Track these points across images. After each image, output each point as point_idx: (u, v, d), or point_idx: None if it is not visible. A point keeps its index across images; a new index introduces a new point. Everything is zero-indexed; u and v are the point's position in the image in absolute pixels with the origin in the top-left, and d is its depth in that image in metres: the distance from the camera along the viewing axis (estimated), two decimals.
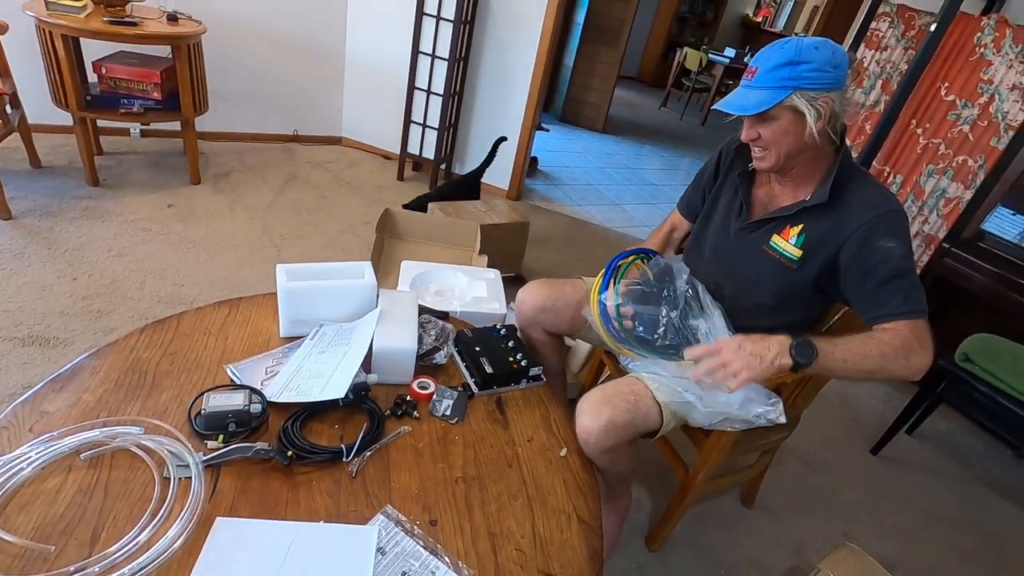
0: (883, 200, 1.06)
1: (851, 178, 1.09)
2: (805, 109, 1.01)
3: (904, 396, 2.32)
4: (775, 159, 1.09)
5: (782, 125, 1.04)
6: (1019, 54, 2.10)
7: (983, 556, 1.75)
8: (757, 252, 1.18)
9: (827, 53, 1.00)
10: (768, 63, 1.02)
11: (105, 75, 2.44)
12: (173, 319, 1.19)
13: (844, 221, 1.07)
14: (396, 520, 0.87)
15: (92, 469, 0.85)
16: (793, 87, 1.00)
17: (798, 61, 1.00)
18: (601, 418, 1.11)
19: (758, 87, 1.03)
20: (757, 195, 1.22)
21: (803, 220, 1.12)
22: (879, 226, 1.04)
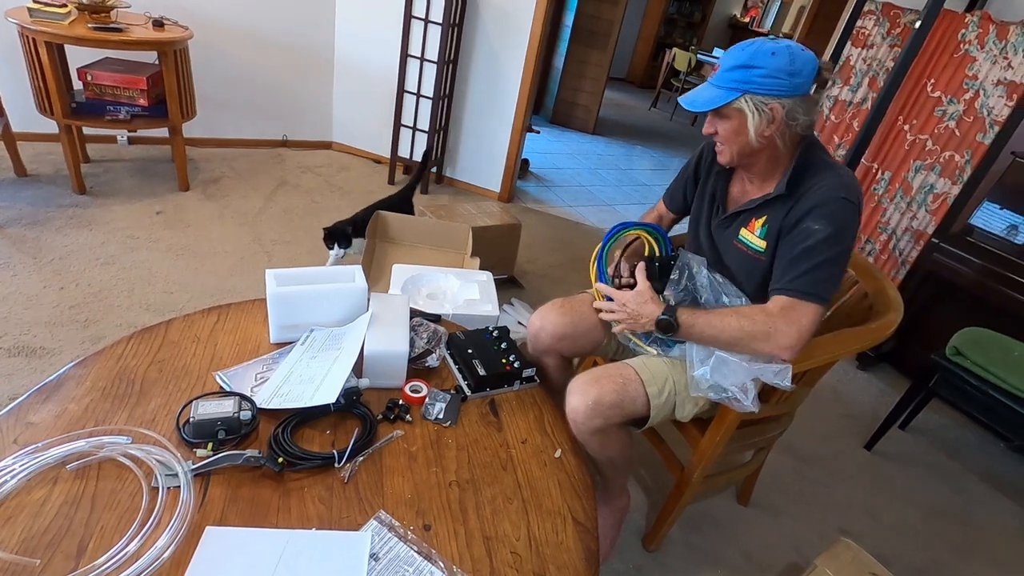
0: (835, 186, 1.06)
1: (812, 170, 1.10)
2: (749, 112, 1.04)
3: (897, 391, 2.33)
4: (730, 155, 1.13)
5: (733, 125, 1.07)
6: (1003, 50, 2.12)
7: (978, 548, 1.76)
8: (731, 246, 1.21)
9: (783, 60, 1.01)
10: (726, 63, 1.05)
11: (90, 82, 2.42)
12: (161, 326, 1.17)
13: (797, 208, 1.09)
14: (389, 526, 0.86)
15: (79, 480, 0.84)
16: (743, 90, 1.03)
17: (751, 65, 1.02)
18: (588, 397, 1.12)
19: (714, 85, 1.07)
20: (732, 191, 1.25)
21: (765, 212, 1.14)
22: (818, 209, 1.06)
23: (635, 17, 7.84)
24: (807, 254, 1.06)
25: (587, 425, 1.11)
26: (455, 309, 1.60)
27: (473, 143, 3.46)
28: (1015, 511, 1.94)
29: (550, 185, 4.02)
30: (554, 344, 1.36)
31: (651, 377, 1.16)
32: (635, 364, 1.19)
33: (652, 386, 1.15)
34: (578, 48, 5.32)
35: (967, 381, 1.75)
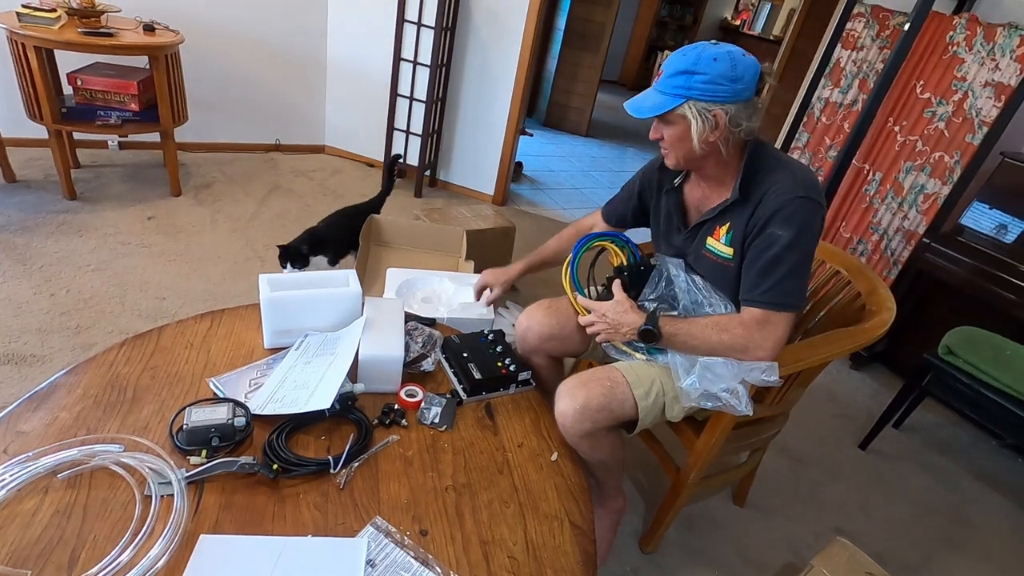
0: (791, 187, 1.06)
1: (765, 171, 1.10)
2: (692, 119, 1.04)
3: (890, 390, 2.34)
4: (675, 159, 1.13)
5: (678, 131, 1.07)
6: (990, 52, 2.14)
7: (972, 545, 1.77)
8: (700, 256, 1.20)
9: (725, 66, 1.01)
10: (669, 68, 1.05)
11: (81, 87, 2.40)
12: (153, 333, 1.16)
13: (759, 213, 1.08)
14: (386, 531, 0.86)
15: (70, 489, 0.83)
16: (686, 96, 1.03)
17: (693, 71, 1.02)
18: (576, 401, 1.11)
19: (657, 91, 1.07)
20: (691, 200, 1.24)
21: (727, 218, 1.14)
22: (779, 212, 1.05)
23: (627, 20, 7.87)
24: (774, 263, 1.06)
25: (576, 429, 1.11)
26: (450, 313, 1.60)
27: (467, 146, 3.46)
28: (1008, 508, 1.96)
29: (544, 188, 4.02)
30: (541, 344, 1.37)
31: (637, 379, 1.16)
32: (622, 367, 1.19)
33: (639, 388, 1.15)
34: (570, 51, 5.33)
35: (959, 380, 1.77)
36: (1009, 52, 2.10)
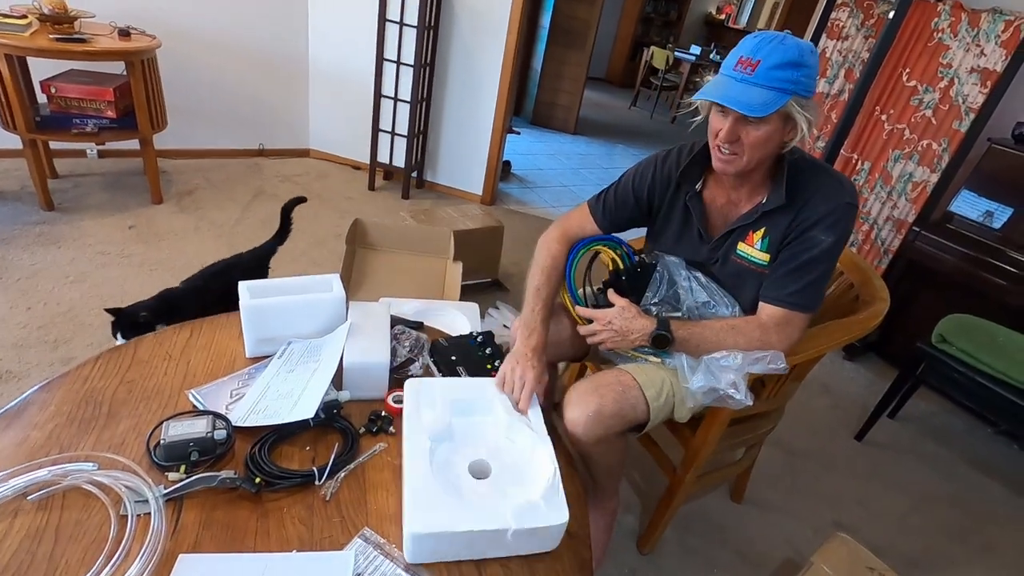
0: (837, 192, 1.04)
1: (806, 174, 1.06)
2: (799, 117, 0.96)
3: (883, 380, 2.34)
4: (746, 163, 1.02)
5: (769, 130, 0.97)
6: (975, 37, 2.14)
7: (969, 533, 1.76)
8: (730, 264, 1.15)
9: (816, 60, 0.97)
10: (771, 58, 0.93)
11: (55, 94, 2.34)
12: (130, 345, 1.13)
13: (802, 217, 1.05)
14: (375, 544, 0.83)
15: (41, 512, 0.79)
16: (793, 91, 0.93)
17: (801, 63, 0.93)
18: (589, 408, 1.08)
19: (761, 85, 0.94)
20: (715, 207, 1.16)
21: (764, 223, 1.09)
22: (827, 217, 1.03)
23: (612, 17, 7.87)
24: (809, 266, 1.04)
25: (588, 436, 1.07)
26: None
27: (453, 146, 3.43)
28: (1004, 495, 1.95)
29: (532, 186, 4.00)
30: None
31: (648, 381, 1.13)
32: (631, 369, 1.15)
33: (650, 389, 1.12)
34: (556, 49, 5.31)
35: (954, 368, 1.76)
36: (994, 37, 2.09)
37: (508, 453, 0.94)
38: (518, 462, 0.92)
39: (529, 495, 0.85)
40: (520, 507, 0.81)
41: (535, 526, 0.81)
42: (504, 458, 0.93)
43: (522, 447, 0.95)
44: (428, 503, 0.80)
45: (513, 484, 0.88)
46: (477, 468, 0.90)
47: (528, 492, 0.86)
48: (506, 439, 0.96)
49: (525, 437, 0.96)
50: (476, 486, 0.87)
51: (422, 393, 1.00)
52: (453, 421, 0.96)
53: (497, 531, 0.79)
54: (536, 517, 0.81)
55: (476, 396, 1.03)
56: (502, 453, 0.94)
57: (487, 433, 0.97)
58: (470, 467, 0.90)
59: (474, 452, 0.92)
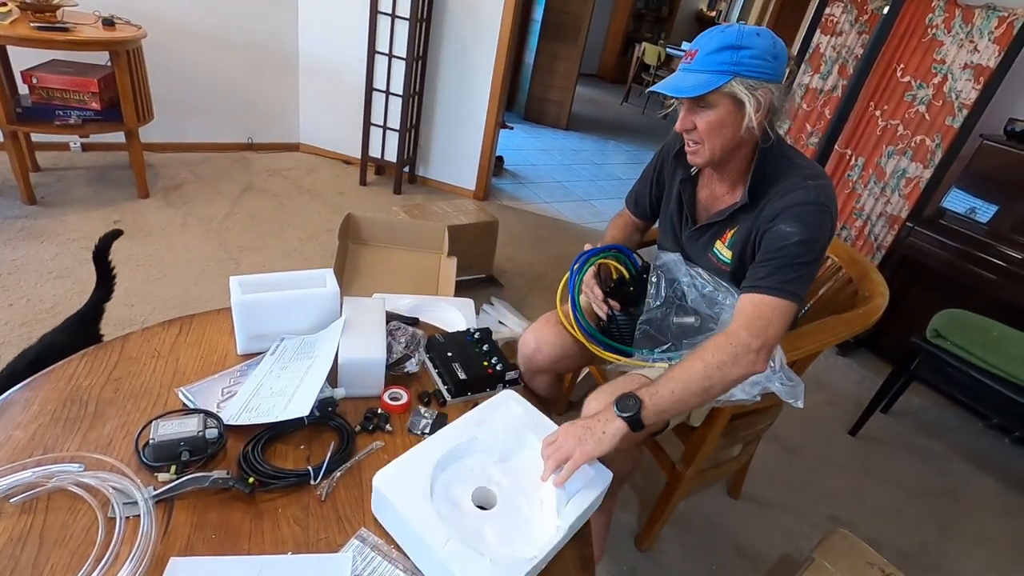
0: (801, 194, 0.99)
1: (774, 173, 1.04)
2: (744, 97, 0.94)
3: (876, 375, 2.35)
4: (709, 153, 1.02)
5: (719, 114, 0.97)
6: (968, 34, 2.15)
7: (963, 526, 1.77)
8: (705, 257, 1.15)
9: (768, 42, 0.95)
10: (708, 45, 0.96)
11: (36, 85, 2.28)
12: (117, 342, 1.09)
13: (764, 214, 1.02)
14: (373, 545, 0.80)
15: (25, 515, 0.76)
16: (733, 72, 0.93)
17: (740, 46, 0.94)
18: None
19: (697, 70, 0.96)
20: (700, 198, 1.17)
21: (736, 222, 1.08)
22: (786, 211, 0.99)
23: (604, 12, 7.85)
24: (778, 255, 0.99)
25: (613, 451, 1.05)
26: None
27: (446, 141, 3.39)
28: (997, 488, 1.97)
29: (525, 182, 3.98)
30: (553, 365, 1.30)
31: None
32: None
33: None
34: (548, 43, 5.29)
35: (948, 363, 1.77)
36: (987, 34, 2.10)
37: (509, 476, 0.89)
38: (521, 483, 0.88)
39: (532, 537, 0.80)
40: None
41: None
42: (506, 484, 0.87)
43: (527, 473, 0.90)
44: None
45: (518, 521, 0.83)
46: (481, 497, 0.85)
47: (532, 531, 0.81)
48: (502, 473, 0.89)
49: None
50: (482, 522, 0.81)
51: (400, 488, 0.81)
52: (441, 477, 0.86)
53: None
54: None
55: (454, 442, 0.90)
56: (503, 479, 0.88)
57: (483, 466, 0.89)
58: (474, 495, 0.85)
59: (475, 480, 0.87)
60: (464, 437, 0.90)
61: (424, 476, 0.82)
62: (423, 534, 0.75)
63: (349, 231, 1.94)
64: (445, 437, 0.90)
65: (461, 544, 0.74)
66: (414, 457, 0.85)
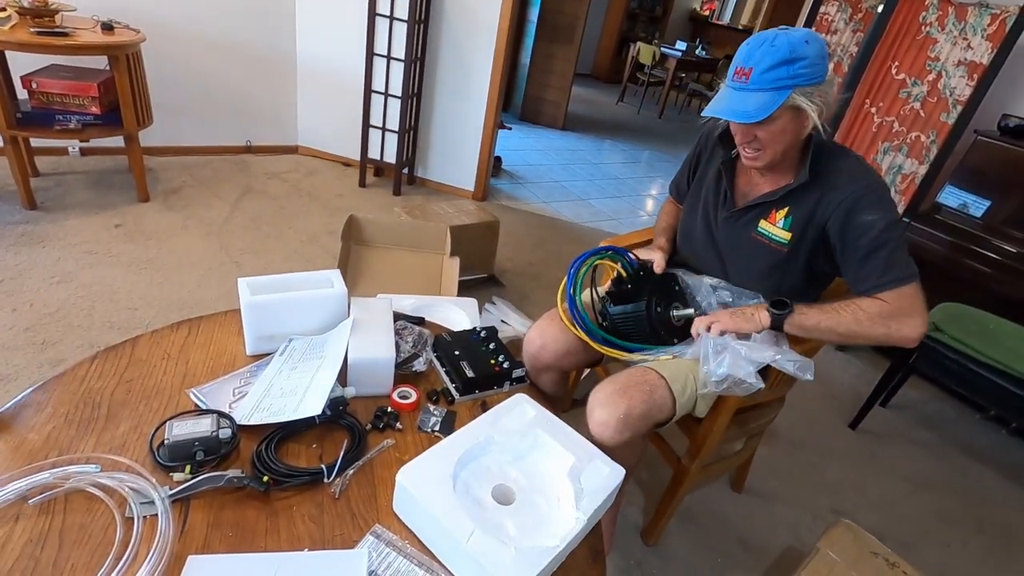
0: (863, 173, 1.06)
1: (830, 155, 1.09)
2: (807, 107, 0.99)
3: (876, 370, 2.37)
4: (771, 157, 1.07)
5: (780, 125, 1.02)
6: (962, 31, 2.17)
7: (963, 516, 1.79)
8: (746, 239, 1.17)
9: (817, 46, 0.98)
10: (762, 63, 0.98)
11: (36, 90, 2.28)
12: (127, 344, 1.10)
13: (828, 198, 1.07)
14: (387, 540, 0.82)
15: (43, 515, 0.77)
16: (792, 85, 0.97)
17: (793, 59, 0.96)
18: (618, 410, 1.07)
19: (755, 89, 0.99)
20: (739, 183, 1.21)
21: (788, 203, 1.11)
22: (859, 201, 1.04)
23: (598, 12, 7.87)
24: (878, 247, 1.03)
25: (616, 439, 1.06)
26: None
27: (444, 142, 3.40)
28: (995, 479, 1.99)
29: (524, 182, 3.99)
30: (558, 361, 1.31)
31: (673, 376, 1.13)
32: (655, 366, 1.14)
33: (676, 384, 1.12)
34: (544, 44, 5.30)
35: (946, 356, 1.79)
36: (980, 31, 2.13)
37: (526, 474, 0.90)
38: (537, 482, 0.89)
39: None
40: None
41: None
42: (523, 482, 0.88)
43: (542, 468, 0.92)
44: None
45: (537, 516, 0.84)
46: (500, 494, 0.87)
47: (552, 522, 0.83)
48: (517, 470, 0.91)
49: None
50: (503, 516, 0.83)
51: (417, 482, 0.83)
52: (461, 475, 0.87)
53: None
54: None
55: (471, 441, 0.91)
56: (520, 477, 0.89)
57: (499, 465, 0.91)
58: (493, 492, 0.86)
59: (493, 479, 0.88)
60: (480, 437, 0.91)
61: (446, 473, 0.83)
62: (449, 527, 0.76)
63: (352, 233, 1.95)
64: (462, 437, 0.91)
65: (486, 535, 0.75)
66: (435, 455, 0.86)
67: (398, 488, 0.83)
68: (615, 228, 3.49)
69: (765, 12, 5.05)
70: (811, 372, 1.05)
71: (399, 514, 0.85)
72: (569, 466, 0.90)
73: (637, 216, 3.86)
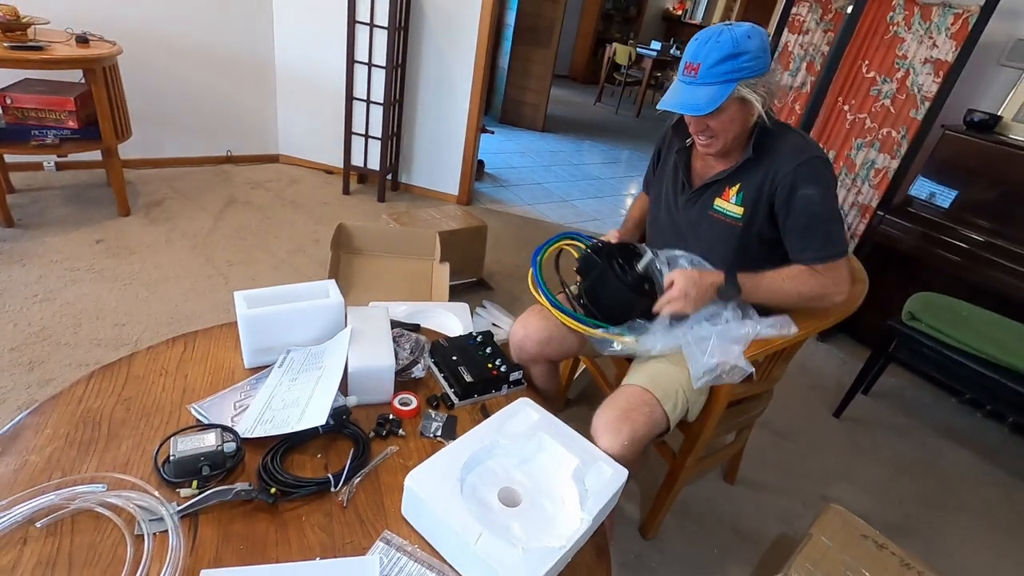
0: (804, 148, 1.13)
1: (773, 132, 1.16)
2: (752, 98, 1.07)
3: (855, 359, 2.45)
4: (723, 144, 1.15)
5: (730, 115, 1.10)
6: (927, 30, 2.25)
7: (944, 498, 1.86)
8: (704, 218, 1.24)
9: (759, 40, 1.06)
10: (709, 59, 1.05)
11: (11, 105, 2.24)
12: (123, 362, 1.09)
13: (773, 170, 1.14)
14: (397, 546, 0.83)
15: (51, 537, 0.77)
16: (737, 79, 1.05)
17: (737, 53, 1.04)
18: (622, 436, 1.10)
19: (703, 83, 1.07)
20: (695, 167, 1.28)
21: (739, 179, 1.18)
22: (801, 174, 1.11)
23: (574, 14, 7.94)
24: (814, 222, 1.13)
25: (624, 460, 1.07)
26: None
27: (428, 147, 3.41)
28: (973, 460, 2.07)
29: (507, 185, 4.01)
30: (541, 350, 1.35)
31: (665, 394, 1.16)
32: (647, 384, 1.17)
33: (667, 403, 1.16)
34: (522, 47, 5.34)
35: (923, 344, 1.85)
36: (944, 30, 2.21)
37: (531, 477, 0.92)
38: (542, 484, 0.91)
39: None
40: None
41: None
42: (528, 484, 0.90)
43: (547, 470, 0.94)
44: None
45: (543, 517, 0.86)
46: (506, 496, 0.88)
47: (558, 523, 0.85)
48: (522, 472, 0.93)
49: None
50: (510, 518, 0.84)
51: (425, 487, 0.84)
52: (467, 479, 0.88)
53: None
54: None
55: (476, 445, 0.92)
56: (525, 480, 0.91)
57: (505, 468, 0.93)
58: (500, 495, 0.88)
59: (499, 482, 0.90)
60: (486, 441, 0.93)
61: (453, 477, 0.85)
62: (458, 529, 0.78)
63: (341, 241, 1.95)
64: (468, 441, 0.92)
65: (494, 537, 0.77)
66: (441, 460, 0.88)
67: (407, 492, 0.85)
68: (599, 228, 3.53)
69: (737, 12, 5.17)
70: (793, 326, 1.12)
71: (408, 518, 0.87)
72: (573, 468, 0.92)
73: (619, 215, 3.90)
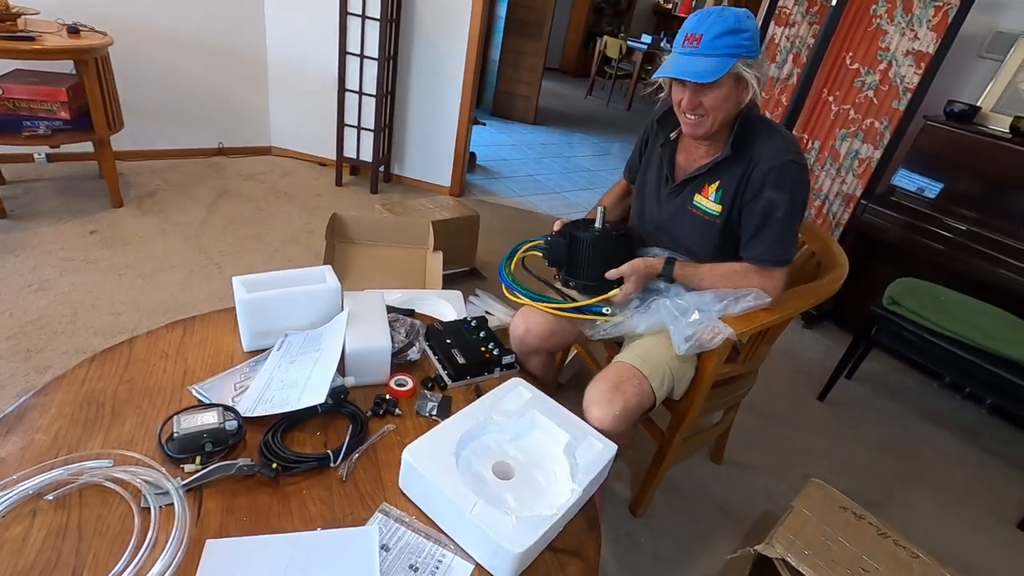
0: (782, 151, 1.13)
1: (755, 130, 1.16)
2: (749, 76, 1.07)
3: (840, 345, 2.50)
4: (710, 124, 1.13)
5: (724, 92, 1.09)
6: (909, 22, 2.30)
7: (924, 478, 1.92)
8: (684, 212, 1.25)
9: (754, 23, 1.08)
10: (712, 30, 1.05)
11: (2, 96, 2.23)
12: (124, 345, 1.12)
13: (750, 172, 1.15)
14: (395, 517, 0.87)
15: (60, 510, 0.80)
16: (737, 54, 1.05)
17: (738, 29, 1.05)
18: (614, 407, 1.13)
19: (705, 55, 1.06)
20: (679, 161, 1.29)
21: (718, 176, 1.19)
22: (771, 177, 1.12)
23: (565, 7, 7.93)
24: (770, 225, 1.14)
25: (614, 431, 1.12)
26: None
27: (420, 139, 3.43)
28: (953, 442, 2.14)
29: (498, 176, 4.04)
30: (543, 343, 1.38)
31: (652, 371, 1.20)
32: (634, 361, 1.20)
33: (655, 379, 1.19)
34: (513, 39, 5.34)
35: (904, 327, 1.91)
36: (926, 22, 2.25)
37: (524, 452, 0.96)
38: (535, 458, 0.95)
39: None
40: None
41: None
42: (522, 459, 0.95)
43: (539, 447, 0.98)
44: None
45: (535, 489, 0.90)
46: (500, 470, 0.92)
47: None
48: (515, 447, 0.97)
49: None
50: (504, 490, 0.89)
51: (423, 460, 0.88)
52: (463, 454, 0.93)
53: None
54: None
55: (471, 422, 0.97)
56: (518, 455, 0.95)
57: (499, 443, 0.97)
58: (494, 468, 0.91)
59: (493, 456, 0.94)
60: (480, 418, 0.97)
61: (449, 451, 0.88)
62: (454, 499, 0.81)
63: (335, 231, 1.97)
64: (463, 418, 0.96)
65: (488, 507, 0.81)
66: (438, 435, 0.92)
67: (404, 465, 0.88)
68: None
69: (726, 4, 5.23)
70: (766, 297, 1.17)
71: (405, 490, 0.90)
72: (564, 443, 0.96)
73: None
